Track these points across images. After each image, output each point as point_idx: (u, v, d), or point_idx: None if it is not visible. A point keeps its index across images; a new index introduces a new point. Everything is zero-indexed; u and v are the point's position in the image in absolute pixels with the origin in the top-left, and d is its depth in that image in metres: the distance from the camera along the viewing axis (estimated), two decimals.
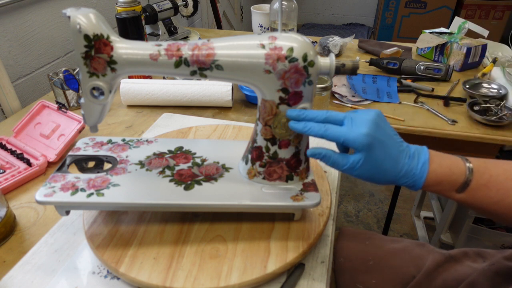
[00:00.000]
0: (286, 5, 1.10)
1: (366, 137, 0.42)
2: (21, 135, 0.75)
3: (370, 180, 0.45)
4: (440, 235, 1.36)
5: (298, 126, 0.45)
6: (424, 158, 0.44)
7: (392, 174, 0.44)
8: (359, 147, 0.43)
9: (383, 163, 0.43)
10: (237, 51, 0.44)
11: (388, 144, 0.44)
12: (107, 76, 0.45)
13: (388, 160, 0.43)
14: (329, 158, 0.45)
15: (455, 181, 0.44)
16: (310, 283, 0.47)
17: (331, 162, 0.45)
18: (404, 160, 0.44)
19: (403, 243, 0.69)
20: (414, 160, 0.44)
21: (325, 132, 0.44)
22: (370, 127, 0.43)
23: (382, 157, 0.43)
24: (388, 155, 0.43)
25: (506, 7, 2.68)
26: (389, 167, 0.44)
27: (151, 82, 0.91)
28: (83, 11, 0.42)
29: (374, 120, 0.44)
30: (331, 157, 0.45)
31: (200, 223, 0.53)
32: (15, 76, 0.96)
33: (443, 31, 1.23)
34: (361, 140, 0.42)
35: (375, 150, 0.43)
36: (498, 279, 0.57)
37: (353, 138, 0.43)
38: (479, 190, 0.43)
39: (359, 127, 0.43)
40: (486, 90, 0.99)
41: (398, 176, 0.44)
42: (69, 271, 0.47)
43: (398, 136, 0.46)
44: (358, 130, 0.43)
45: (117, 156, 0.56)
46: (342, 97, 0.97)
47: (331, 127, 0.44)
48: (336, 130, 0.44)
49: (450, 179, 0.44)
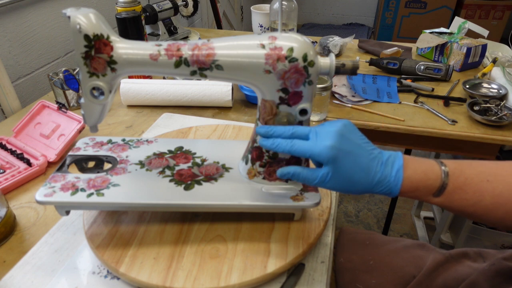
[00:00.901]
0: (286, 5, 1.10)
1: (330, 150, 0.42)
2: (21, 135, 0.75)
3: (344, 191, 0.44)
4: (440, 235, 1.36)
5: (267, 143, 0.46)
6: (398, 164, 0.44)
7: (365, 184, 0.43)
8: (325, 160, 0.42)
9: (353, 173, 0.43)
10: (237, 51, 0.44)
11: (356, 154, 0.43)
12: (107, 76, 0.45)
13: (357, 170, 0.43)
14: (298, 175, 0.45)
15: (431, 186, 0.43)
16: (310, 283, 0.47)
17: (301, 179, 0.45)
18: (376, 168, 0.43)
19: (403, 243, 0.69)
20: (387, 167, 0.44)
21: (291, 148, 0.44)
22: (334, 139, 0.43)
23: (351, 168, 0.43)
24: (357, 164, 0.43)
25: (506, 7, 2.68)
26: (360, 177, 0.43)
27: (151, 82, 0.91)
28: (83, 11, 0.42)
29: (338, 131, 0.43)
30: (300, 174, 0.45)
31: (200, 223, 0.52)
32: (15, 76, 0.96)
33: (443, 31, 1.23)
34: (326, 153, 0.42)
35: (342, 162, 0.42)
36: (498, 279, 0.57)
37: (318, 152, 0.42)
38: (455, 193, 0.43)
39: (323, 140, 0.43)
40: (486, 90, 0.99)
41: (372, 184, 0.43)
42: (69, 271, 0.47)
43: (370, 144, 0.45)
44: (322, 143, 0.43)
45: (117, 156, 0.56)
46: (342, 97, 0.97)
47: (297, 143, 0.44)
48: (302, 145, 0.44)
49: (426, 184, 0.43)
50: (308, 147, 0.43)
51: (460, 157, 1.34)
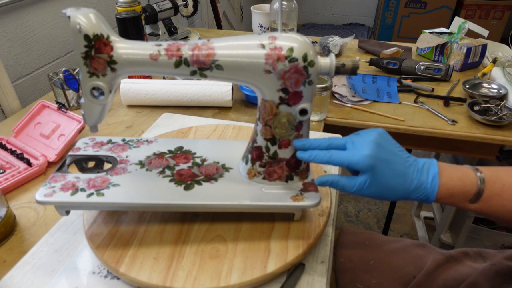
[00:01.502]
0: (286, 5, 1.10)
1: (368, 159, 0.43)
2: (21, 135, 0.75)
3: (381, 198, 0.45)
4: (440, 235, 1.36)
5: (305, 155, 0.48)
6: (433, 171, 0.45)
7: (402, 190, 0.44)
8: (363, 169, 0.44)
9: (390, 180, 0.44)
10: (237, 51, 0.44)
11: (393, 162, 0.44)
12: (107, 76, 0.45)
13: (395, 177, 0.44)
14: (337, 183, 0.46)
15: (467, 192, 0.44)
16: (310, 283, 0.47)
17: (340, 187, 0.46)
18: (412, 175, 0.45)
19: (403, 243, 0.69)
20: (423, 175, 0.45)
21: (330, 158, 0.46)
22: (372, 148, 0.44)
23: (388, 175, 0.44)
24: (395, 172, 0.44)
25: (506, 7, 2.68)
26: (397, 184, 0.44)
27: (151, 82, 0.91)
28: (83, 11, 0.42)
29: (375, 140, 0.45)
30: (338, 182, 0.46)
31: (200, 223, 0.52)
32: (15, 76, 0.96)
33: (443, 31, 1.23)
34: (364, 161, 0.43)
35: (379, 170, 0.44)
36: (498, 279, 0.57)
37: (355, 161, 0.44)
38: (492, 199, 0.44)
39: (360, 150, 0.44)
40: (486, 90, 0.99)
41: (409, 191, 0.44)
42: (69, 271, 0.47)
43: (405, 152, 0.46)
44: (360, 152, 0.44)
45: (117, 156, 0.56)
46: (342, 97, 0.97)
47: (334, 153, 0.46)
48: (340, 155, 0.45)
49: (462, 191, 0.44)
50: (346, 157, 0.45)
51: (460, 157, 1.34)
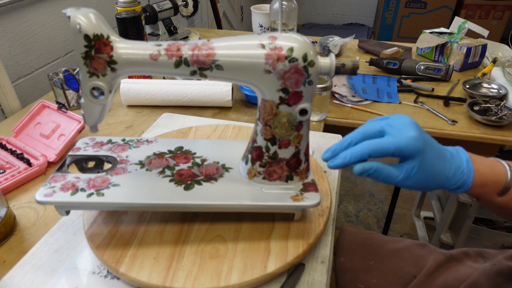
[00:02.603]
0: (286, 5, 1.10)
1: (418, 141, 0.39)
2: (21, 135, 0.75)
3: (422, 188, 0.41)
4: (440, 235, 1.36)
5: (338, 161, 0.42)
6: (465, 156, 0.42)
7: (443, 176, 0.41)
8: (413, 153, 0.39)
9: (435, 165, 0.40)
10: (237, 51, 0.44)
11: (433, 145, 0.41)
12: (107, 76, 0.45)
13: (439, 162, 0.40)
14: (381, 171, 0.40)
15: (498, 183, 0.41)
16: (310, 283, 0.47)
17: (384, 175, 0.40)
18: (451, 159, 0.41)
19: (403, 243, 0.69)
20: (457, 159, 0.41)
21: (370, 148, 0.40)
22: (416, 129, 0.40)
23: (434, 160, 0.40)
24: (438, 156, 0.41)
25: (506, 7, 2.68)
26: (440, 169, 0.41)
27: (151, 82, 0.91)
28: (83, 11, 0.42)
29: (414, 122, 0.41)
30: (383, 170, 0.40)
31: (200, 223, 0.52)
32: (15, 76, 0.96)
33: (443, 31, 1.23)
34: (414, 144, 0.39)
35: (427, 154, 0.40)
36: (499, 279, 0.57)
37: (405, 144, 0.39)
38: None
39: (406, 132, 0.39)
40: (486, 90, 0.99)
41: (448, 177, 0.41)
42: (69, 271, 0.47)
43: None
44: (406, 134, 0.39)
45: (117, 156, 0.56)
46: (342, 97, 0.97)
47: (374, 142, 0.40)
48: (382, 142, 0.40)
49: (494, 180, 0.41)
50: (392, 143, 0.39)
51: None
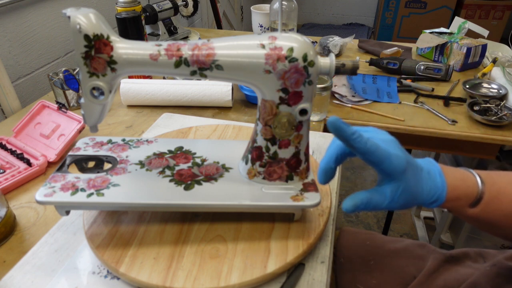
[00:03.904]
0: (286, 5, 1.10)
1: (404, 161, 0.38)
2: (21, 135, 0.75)
3: (403, 208, 0.41)
4: (440, 235, 1.36)
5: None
6: (437, 169, 0.42)
7: (422, 194, 0.41)
8: (399, 173, 0.38)
9: (416, 184, 0.40)
10: (237, 51, 0.44)
11: (411, 163, 0.40)
12: (107, 76, 0.45)
13: (417, 179, 0.40)
14: (370, 202, 0.40)
15: (470, 194, 0.41)
16: (310, 283, 0.47)
17: (372, 205, 0.40)
18: (425, 177, 0.41)
19: (403, 243, 0.69)
20: (431, 175, 0.41)
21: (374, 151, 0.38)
22: (401, 149, 0.39)
23: (413, 178, 0.40)
24: (416, 173, 0.41)
25: (506, 7, 2.68)
26: (420, 187, 0.41)
27: (151, 82, 0.91)
28: (83, 11, 0.42)
29: (394, 139, 0.40)
30: (371, 200, 0.40)
31: (200, 223, 0.52)
32: (15, 76, 0.96)
33: (443, 31, 1.23)
34: (402, 164, 0.38)
35: (408, 173, 0.39)
36: (499, 279, 0.57)
37: (395, 163, 0.38)
38: (491, 203, 0.41)
39: (393, 149, 0.39)
40: (486, 90, 0.99)
41: (425, 194, 0.41)
42: (69, 271, 0.47)
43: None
44: (394, 152, 0.38)
45: (117, 156, 0.56)
46: (342, 97, 0.97)
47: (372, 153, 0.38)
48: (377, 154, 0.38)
49: (466, 192, 0.41)
50: (386, 156, 0.38)
51: (460, 157, 1.34)
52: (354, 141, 0.38)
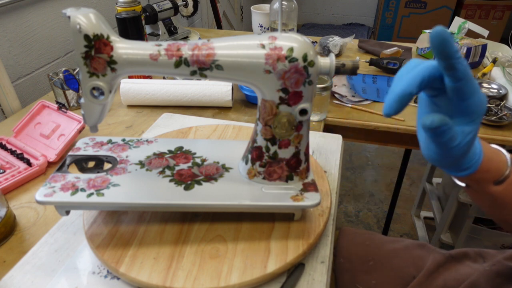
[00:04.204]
0: (286, 5, 1.10)
1: (485, 105, 0.34)
2: (21, 135, 0.75)
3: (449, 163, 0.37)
4: (440, 235, 1.36)
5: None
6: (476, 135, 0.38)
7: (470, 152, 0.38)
8: (480, 115, 0.35)
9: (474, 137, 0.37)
10: (237, 51, 0.44)
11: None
12: (107, 76, 0.45)
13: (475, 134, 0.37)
14: (449, 132, 0.34)
15: (500, 170, 0.39)
16: (310, 283, 0.47)
17: (449, 136, 0.34)
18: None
19: (403, 243, 0.69)
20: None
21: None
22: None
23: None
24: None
25: (506, 7, 2.68)
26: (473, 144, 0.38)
27: (151, 82, 0.91)
28: (83, 11, 0.42)
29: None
30: (452, 130, 0.34)
31: (200, 223, 0.52)
32: (15, 76, 0.96)
33: None
34: (484, 108, 0.34)
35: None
36: (499, 279, 0.57)
37: (483, 100, 0.34)
38: None
39: (478, 89, 0.34)
40: (486, 90, 0.99)
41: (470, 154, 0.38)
42: (69, 271, 0.47)
43: None
44: (480, 93, 0.34)
45: (117, 156, 0.56)
46: (342, 97, 0.97)
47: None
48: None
49: (497, 166, 0.39)
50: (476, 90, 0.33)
51: None
52: (457, 60, 0.31)
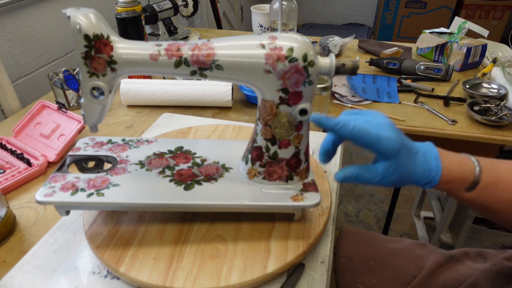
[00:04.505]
0: (286, 5, 1.10)
1: (395, 143, 0.41)
2: (21, 135, 0.75)
3: (394, 185, 0.44)
4: (440, 235, 1.36)
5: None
6: (435, 154, 0.44)
7: (415, 175, 0.43)
8: (391, 154, 0.42)
9: (408, 166, 0.43)
10: (237, 51, 0.44)
11: (407, 145, 0.43)
12: (107, 76, 0.45)
13: (411, 162, 0.43)
14: (361, 176, 0.43)
15: (466, 179, 0.43)
16: (310, 283, 0.47)
17: (364, 179, 0.43)
18: (421, 158, 0.44)
19: (404, 243, 0.69)
20: (427, 157, 0.44)
21: (357, 134, 0.42)
22: (395, 131, 0.42)
23: (407, 160, 0.43)
24: (410, 156, 0.43)
25: (506, 7, 2.68)
26: (413, 169, 0.43)
27: (151, 82, 0.91)
28: (83, 11, 0.42)
29: (391, 123, 0.43)
30: (362, 175, 0.43)
31: (200, 223, 0.52)
32: (15, 76, 0.96)
33: (443, 31, 1.23)
34: (392, 145, 0.41)
35: (402, 154, 0.42)
36: (499, 279, 0.57)
37: (385, 145, 0.41)
38: (487, 188, 0.43)
39: (384, 132, 0.42)
40: (486, 90, 0.99)
41: (418, 175, 0.43)
42: (69, 271, 0.47)
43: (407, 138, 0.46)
44: (385, 134, 0.42)
45: (117, 156, 0.56)
46: (342, 97, 0.97)
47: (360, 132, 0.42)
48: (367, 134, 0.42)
49: (461, 177, 0.43)
50: (375, 139, 0.42)
51: None
52: (338, 130, 0.42)
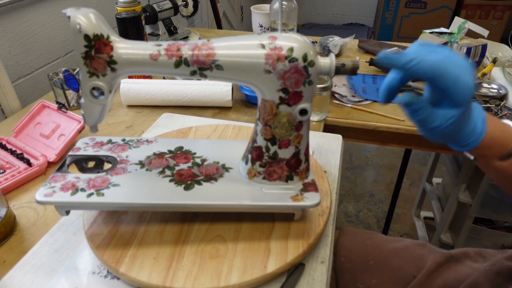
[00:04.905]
0: (286, 5, 1.10)
1: (472, 91, 0.35)
2: (21, 135, 0.75)
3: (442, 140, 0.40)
4: (440, 235, 1.36)
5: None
6: (482, 115, 0.40)
7: (462, 134, 0.39)
8: (461, 103, 0.36)
9: (463, 121, 0.38)
10: (237, 51, 0.44)
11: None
12: (107, 76, 0.45)
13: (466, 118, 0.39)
14: (423, 111, 0.37)
15: (505, 147, 0.40)
16: (310, 283, 0.47)
17: (423, 116, 0.37)
18: (473, 117, 0.40)
19: (403, 243, 0.69)
20: (476, 117, 0.40)
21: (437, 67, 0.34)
22: (471, 77, 0.35)
23: (467, 115, 0.38)
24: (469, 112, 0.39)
25: (506, 7, 2.68)
26: (464, 126, 0.39)
27: (151, 82, 0.91)
28: (83, 11, 0.42)
29: (470, 67, 0.36)
30: (425, 110, 0.37)
31: (200, 223, 0.52)
32: (15, 76, 0.96)
33: (443, 31, 1.23)
34: (469, 94, 0.35)
35: (468, 107, 0.37)
36: (499, 279, 0.57)
37: (461, 91, 0.35)
38: None
39: (465, 76, 0.35)
40: (486, 90, 0.99)
41: (464, 135, 0.39)
42: (69, 271, 0.47)
43: None
44: (465, 79, 0.35)
45: (117, 156, 0.56)
46: (342, 97, 0.97)
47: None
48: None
49: (501, 144, 0.40)
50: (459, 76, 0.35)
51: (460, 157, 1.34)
52: (410, 69, 0.35)
